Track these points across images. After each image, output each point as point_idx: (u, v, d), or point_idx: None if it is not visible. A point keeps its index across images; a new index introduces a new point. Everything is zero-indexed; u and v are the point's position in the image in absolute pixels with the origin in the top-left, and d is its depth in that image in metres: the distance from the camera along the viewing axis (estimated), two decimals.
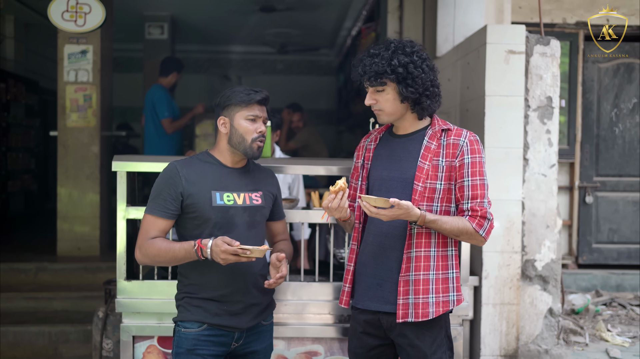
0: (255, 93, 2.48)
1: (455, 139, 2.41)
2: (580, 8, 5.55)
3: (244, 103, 2.46)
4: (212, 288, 2.46)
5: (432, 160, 2.40)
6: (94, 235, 6.04)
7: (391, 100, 2.40)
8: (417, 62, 2.36)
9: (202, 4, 7.72)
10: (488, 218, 2.38)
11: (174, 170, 2.45)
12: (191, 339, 2.44)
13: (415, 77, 2.35)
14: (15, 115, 7.87)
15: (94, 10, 3.90)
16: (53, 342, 4.66)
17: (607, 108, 5.67)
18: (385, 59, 2.34)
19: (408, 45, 2.40)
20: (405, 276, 2.39)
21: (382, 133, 2.60)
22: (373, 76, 2.36)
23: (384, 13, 5.76)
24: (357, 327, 2.53)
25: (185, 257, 2.38)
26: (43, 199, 9.10)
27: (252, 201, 2.50)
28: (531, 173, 3.60)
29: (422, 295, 2.38)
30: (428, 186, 2.38)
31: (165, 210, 2.42)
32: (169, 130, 5.75)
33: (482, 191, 2.38)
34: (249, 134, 2.46)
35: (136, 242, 2.46)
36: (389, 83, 2.37)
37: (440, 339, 2.45)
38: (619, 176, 5.69)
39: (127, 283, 2.94)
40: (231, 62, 11.17)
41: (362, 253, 2.53)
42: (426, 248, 2.40)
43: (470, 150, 2.39)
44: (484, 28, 3.57)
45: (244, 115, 2.46)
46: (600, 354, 3.80)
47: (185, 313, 2.48)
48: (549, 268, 3.62)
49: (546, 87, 3.60)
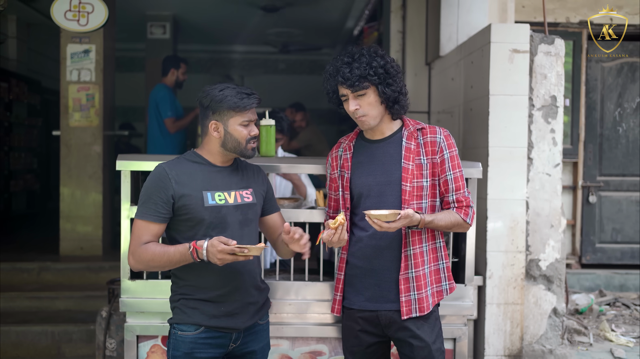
0: (248, 98, 2.42)
1: (432, 137, 2.54)
2: (584, 7, 5.54)
3: (238, 109, 2.40)
4: (208, 288, 2.43)
5: (415, 159, 2.51)
6: (96, 234, 6.04)
7: (373, 103, 2.49)
8: (391, 63, 2.50)
9: (204, 4, 7.72)
10: (471, 206, 2.57)
11: (163, 172, 2.41)
12: (188, 343, 2.42)
13: (393, 76, 2.48)
14: (17, 114, 7.87)
15: (96, 9, 3.90)
16: (56, 342, 4.65)
17: (611, 108, 5.65)
18: (366, 63, 2.45)
19: (378, 49, 2.53)
20: (405, 274, 2.50)
21: (354, 141, 2.65)
22: (357, 80, 2.44)
23: (387, 12, 5.75)
24: (354, 326, 2.59)
25: (180, 260, 2.34)
26: (45, 199, 9.10)
27: (243, 199, 2.48)
28: (535, 172, 3.59)
29: (423, 289, 2.51)
30: (415, 185, 2.50)
31: (157, 214, 2.38)
32: (171, 130, 5.75)
33: (462, 181, 2.55)
34: (243, 139, 2.43)
35: (128, 249, 2.42)
36: (371, 87, 2.47)
37: (438, 329, 2.58)
38: (623, 175, 5.68)
39: (131, 283, 2.94)
40: (233, 61, 11.17)
41: (354, 256, 2.58)
42: (420, 245, 2.52)
43: (448, 145, 2.54)
44: (488, 27, 3.56)
45: (238, 121, 2.41)
46: (604, 354, 3.79)
47: (181, 316, 2.45)
48: (553, 268, 3.61)
49: (550, 86, 3.59)
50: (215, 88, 2.44)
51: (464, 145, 4.03)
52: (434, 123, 4.94)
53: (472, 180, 3.05)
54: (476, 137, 3.74)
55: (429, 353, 2.50)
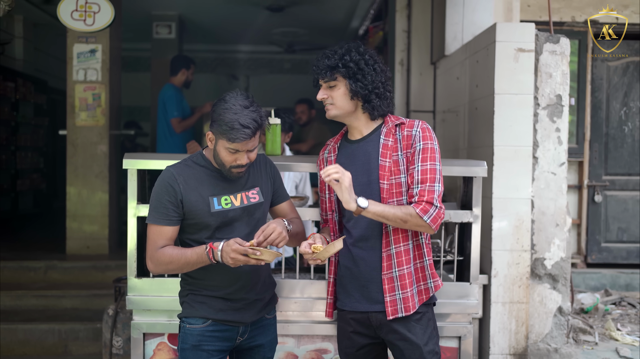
0: (239, 131, 2.30)
1: (408, 131, 2.47)
2: (589, 6, 5.53)
3: (225, 136, 2.33)
4: (216, 287, 2.46)
5: (392, 156, 2.46)
6: (103, 233, 6.06)
7: (342, 95, 2.47)
8: (368, 61, 2.46)
9: (209, 4, 7.74)
10: (435, 205, 2.38)
11: (172, 177, 2.42)
12: (196, 336, 2.45)
13: (365, 73, 2.44)
14: (24, 114, 7.91)
15: (103, 9, 3.91)
16: (63, 340, 4.68)
17: (616, 107, 5.65)
18: (338, 55, 2.46)
19: (361, 46, 2.51)
20: (388, 273, 2.47)
21: (339, 142, 2.65)
22: (325, 70, 2.45)
23: (392, 11, 5.75)
24: (346, 327, 2.59)
25: (197, 262, 2.37)
26: (51, 198, 9.14)
27: (249, 200, 2.49)
28: (540, 171, 3.59)
29: (408, 288, 2.46)
30: (394, 182, 2.45)
31: (169, 218, 2.40)
32: (177, 130, 5.79)
33: (431, 175, 2.40)
34: (227, 163, 2.40)
35: (146, 254, 2.45)
36: (340, 79, 2.46)
37: (430, 331, 2.52)
38: (628, 175, 5.67)
39: (137, 281, 2.95)
40: (239, 61, 11.19)
41: (342, 258, 2.58)
42: (404, 242, 2.47)
43: (422, 137, 2.45)
44: (494, 26, 3.56)
45: (225, 145, 2.35)
46: (610, 353, 3.79)
47: (189, 309, 2.49)
48: (558, 267, 3.61)
49: (556, 85, 3.58)
50: (224, 101, 2.38)
51: (469, 144, 4.03)
52: (439, 122, 4.95)
53: (477, 179, 3.05)
54: (481, 136, 3.74)
55: (420, 355, 2.46)
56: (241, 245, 2.26)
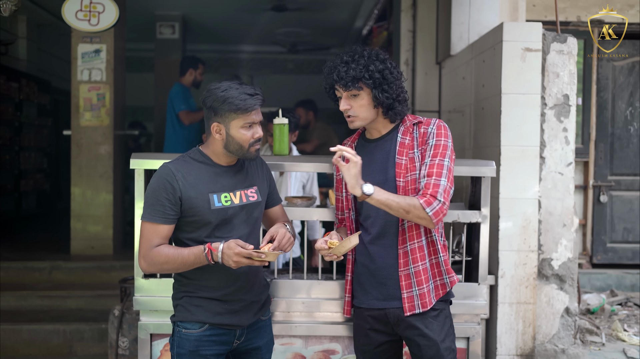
0: (251, 98, 2.33)
1: (425, 128, 2.50)
2: (595, 6, 5.51)
3: (240, 111, 2.32)
4: (213, 288, 2.42)
5: (408, 154, 2.48)
6: (107, 234, 6.07)
7: (365, 106, 2.47)
8: (391, 69, 2.46)
9: (213, 4, 7.74)
10: (439, 199, 2.38)
11: (170, 174, 2.35)
12: (193, 341, 2.40)
13: (390, 82, 2.45)
14: (27, 114, 7.92)
15: (107, 9, 3.91)
16: (68, 340, 4.68)
17: (622, 107, 5.63)
18: (362, 65, 2.43)
19: (381, 53, 2.49)
20: (405, 270, 2.49)
21: (356, 141, 2.66)
22: (350, 81, 2.43)
23: (397, 11, 5.74)
24: (363, 324, 2.60)
25: (194, 262, 2.32)
26: (55, 198, 9.14)
27: (248, 199, 2.46)
28: (548, 171, 3.58)
29: (424, 284, 2.49)
30: (409, 179, 2.46)
31: (166, 216, 2.34)
32: (185, 121, 5.80)
33: (439, 169, 2.41)
34: (246, 142, 2.37)
35: (139, 252, 2.38)
36: (365, 89, 2.45)
37: (447, 328, 2.54)
38: (634, 175, 5.65)
39: (144, 281, 2.95)
40: (242, 61, 11.19)
41: (360, 256, 2.59)
42: (418, 239, 2.49)
43: (436, 134, 2.48)
44: (500, 25, 3.55)
45: (240, 124, 2.34)
46: (617, 354, 3.77)
47: (185, 313, 2.43)
48: (565, 267, 3.60)
49: (563, 84, 3.57)
50: (218, 88, 2.36)
51: (475, 144, 4.02)
52: (444, 122, 4.93)
53: (485, 179, 3.04)
54: (488, 136, 3.73)
55: (437, 352, 2.48)
56: (243, 247, 2.23)
